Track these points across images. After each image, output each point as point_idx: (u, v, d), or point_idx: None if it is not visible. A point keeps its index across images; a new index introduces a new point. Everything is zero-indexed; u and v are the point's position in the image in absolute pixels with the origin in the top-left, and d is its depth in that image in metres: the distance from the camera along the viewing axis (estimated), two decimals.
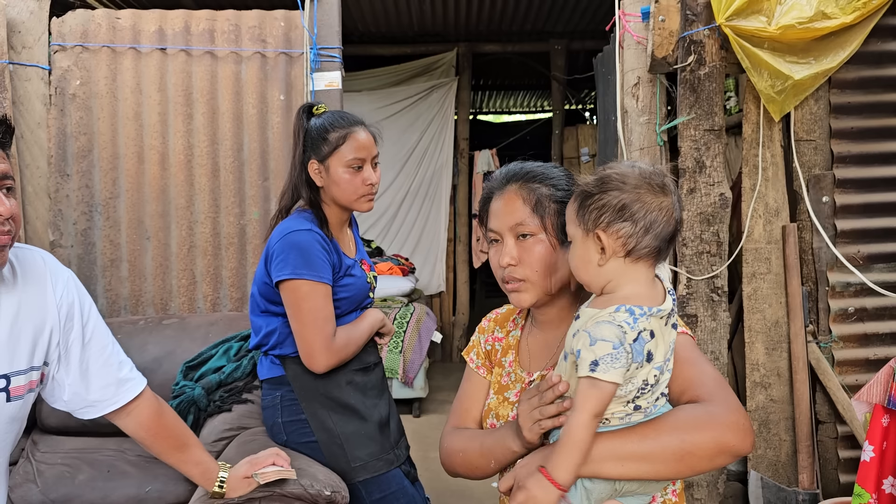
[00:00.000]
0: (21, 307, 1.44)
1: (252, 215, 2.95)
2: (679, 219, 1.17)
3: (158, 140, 2.92)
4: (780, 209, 2.73)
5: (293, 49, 2.93)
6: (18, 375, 1.42)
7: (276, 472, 1.65)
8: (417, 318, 5.16)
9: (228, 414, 2.28)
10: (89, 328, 1.55)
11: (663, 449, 1.11)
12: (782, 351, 2.73)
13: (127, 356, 1.66)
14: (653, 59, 2.68)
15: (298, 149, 1.97)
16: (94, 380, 1.55)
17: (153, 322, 2.61)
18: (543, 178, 1.34)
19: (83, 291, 1.58)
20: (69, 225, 2.88)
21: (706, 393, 1.16)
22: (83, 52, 2.88)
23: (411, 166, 6.73)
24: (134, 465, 2.26)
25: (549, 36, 6.55)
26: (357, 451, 1.94)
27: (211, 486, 1.69)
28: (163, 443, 1.66)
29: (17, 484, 2.19)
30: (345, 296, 1.96)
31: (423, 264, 6.68)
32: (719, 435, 1.11)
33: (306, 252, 1.86)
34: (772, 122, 2.71)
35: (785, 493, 2.65)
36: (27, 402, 1.47)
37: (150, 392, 1.65)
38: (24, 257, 1.49)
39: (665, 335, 1.16)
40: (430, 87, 6.70)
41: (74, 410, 1.58)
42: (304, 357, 1.87)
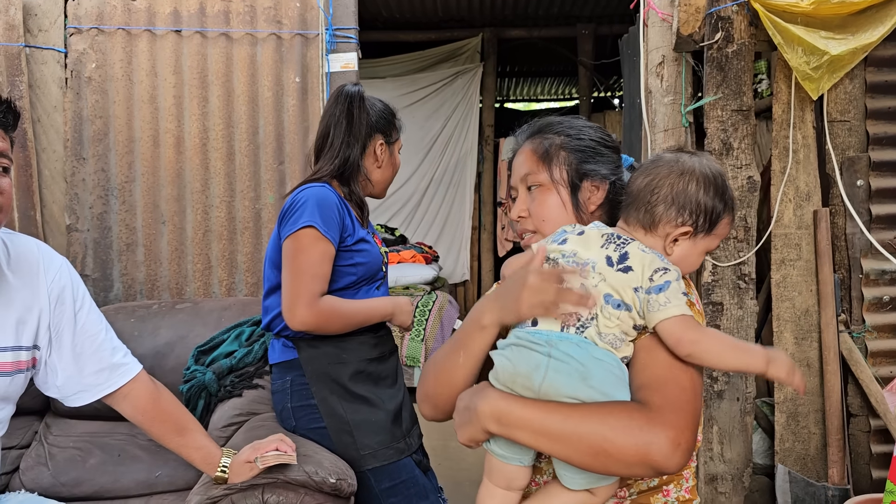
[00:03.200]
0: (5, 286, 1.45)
1: (267, 199, 2.91)
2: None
3: (174, 123, 2.90)
4: (811, 193, 2.62)
5: (309, 30, 2.88)
6: (5, 352, 1.44)
7: (277, 457, 1.61)
8: (440, 306, 5.12)
9: (239, 399, 2.25)
10: (82, 314, 1.57)
11: (580, 438, 1.04)
12: (812, 341, 2.62)
13: (133, 341, 1.67)
14: (678, 37, 2.58)
15: (361, 127, 1.96)
16: (88, 364, 1.57)
17: (167, 306, 2.59)
18: (559, 129, 1.33)
19: (77, 278, 1.60)
20: (85, 209, 2.87)
21: (659, 400, 1.06)
22: (98, 34, 2.86)
23: (435, 154, 6.68)
24: (145, 450, 2.24)
25: (576, 20, 6.44)
26: (366, 438, 1.90)
27: (213, 472, 1.66)
28: (161, 426, 1.65)
29: (28, 467, 2.19)
30: (361, 261, 1.91)
31: (447, 253, 6.63)
32: (644, 446, 1.02)
33: (319, 205, 1.82)
34: (804, 103, 2.59)
35: (814, 489, 2.55)
36: (16, 383, 1.47)
37: (147, 376, 1.65)
38: (19, 242, 1.54)
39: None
40: (455, 73, 6.63)
41: (67, 396, 1.59)
42: (285, 309, 1.80)
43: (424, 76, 6.65)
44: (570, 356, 1.07)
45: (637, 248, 1.14)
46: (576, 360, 1.07)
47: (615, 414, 1.04)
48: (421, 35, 6.58)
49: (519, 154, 1.35)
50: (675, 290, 1.10)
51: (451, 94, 6.62)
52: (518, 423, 1.06)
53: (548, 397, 1.07)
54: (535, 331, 1.12)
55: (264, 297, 2.00)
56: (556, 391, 1.07)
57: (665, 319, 1.07)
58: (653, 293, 1.09)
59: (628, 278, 1.10)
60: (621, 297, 1.10)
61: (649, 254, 1.14)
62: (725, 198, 1.20)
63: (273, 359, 2.01)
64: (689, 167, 1.19)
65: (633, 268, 1.11)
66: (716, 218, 1.18)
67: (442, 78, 6.62)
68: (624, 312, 1.09)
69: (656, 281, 1.10)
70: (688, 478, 1.24)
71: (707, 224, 1.18)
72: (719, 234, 1.21)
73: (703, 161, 1.21)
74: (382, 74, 6.57)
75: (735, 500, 2.65)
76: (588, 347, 1.08)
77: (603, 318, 1.09)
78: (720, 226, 1.20)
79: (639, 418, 1.03)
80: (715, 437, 2.62)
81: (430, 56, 6.69)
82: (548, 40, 6.80)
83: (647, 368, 1.10)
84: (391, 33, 6.52)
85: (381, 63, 6.60)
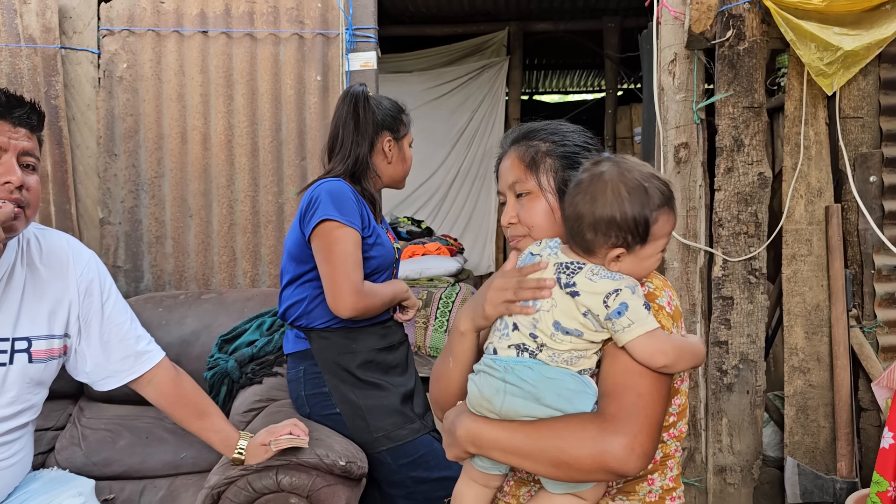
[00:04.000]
0: (37, 279, 1.55)
1: (290, 194, 3.01)
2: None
3: (200, 121, 3.01)
4: (823, 189, 2.63)
5: (329, 30, 2.97)
6: (39, 340, 1.55)
7: (289, 440, 1.70)
8: (463, 297, 5.18)
9: (259, 386, 2.35)
10: (109, 305, 1.68)
11: (541, 452, 1.13)
12: (823, 335, 2.64)
13: (161, 330, 1.78)
14: (690, 35, 2.61)
15: (367, 125, 2.04)
16: (114, 351, 1.68)
17: (193, 297, 2.70)
18: (543, 135, 1.37)
19: (104, 271, 1.72)
20: (117, 203, 3.00)
21: (615, 408, 1.13)
22: (129, 35, 2.98)
23: (461, 147, 6.73)
24: (171, 433, 2.36)
25: (602, 13, 6.43)
26: (379, 421, 1.98)
27: (231, 453, 1.77)
28: (182, 410, 1.75)
29: (63, 447, 2.32)
30: (375, 254, 2.00)
31: (472, 245, 6.69)
32: (598, 455, 1.10)
33: (338, 198, 1.91)
34: (816, 99, 2.61)
35: (822, 481, 2.58)
36: (49, 370, 1.58)
37: (169, 363, 1.76)
38: (50, 237, 1.65)
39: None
40: (481, 66, 6.67)
41: (96, 381, 1.70)
42: (331, 299, 1.89)
43: (451, 70, 6.70)
44: (522, 380, 1.16)
45: (585, 277, 1.17)
46: (528, 382, 1.16)
47: (570, 427, 1.13)
48: (447, 29, 6.62)
49: (505, 160, 1.38)
50: (635, 309, 1.13)
51: (478, 88, 6.66)
52: (489, 444, 1.18)
53: (509, 418, 1.18)
54: (496, 358, 1.21)
55: (281, 289, 2.10)
56: (515, 412, 1.17)
57: (632, 340, 1.13)
58: (613, 318, 1.13)
59: (576, 303, 1.15)
60: (571, 324, 1.15)
61: (598, 281, 1.16)
62: (650, 200, 1.16)
63: (287, 349, 2.10)
64: (603, 187, 1.17)
65: (579, 293, 1.15)
66: (644, 227, 1.16)
67: (468, 72, 6.66)
68: (574, 337, 1.15)
69: (612, 306, 1.13)
70: (672, 467, 1.30)
71: (638, 237, 1.17)
72: (661, 234, 1.19)
73: (618, 170, 1.19)
74: (409, 69, 6.64)
75: (744, 492, 2.69)
76: (540, 368, 1.16)
77: (554, 343, 1.16)
78: (656, 227, 1.17)
79: (591, 429, 1.11)
80: (724, 429, 2.67)
81: (457, 50, 6.74)
82: (574, 33, 6.80)
83: (609, 376, 1.17)
84: (418, 27, 6.58)
85: (408, 57, 6.66)
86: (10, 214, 1.41)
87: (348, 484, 1.83)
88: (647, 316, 1.14)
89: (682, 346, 1.16)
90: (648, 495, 1.26)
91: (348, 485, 1.83)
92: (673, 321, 1.22)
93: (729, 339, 2.64)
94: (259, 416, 2.18)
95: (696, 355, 1.18)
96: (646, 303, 1.16)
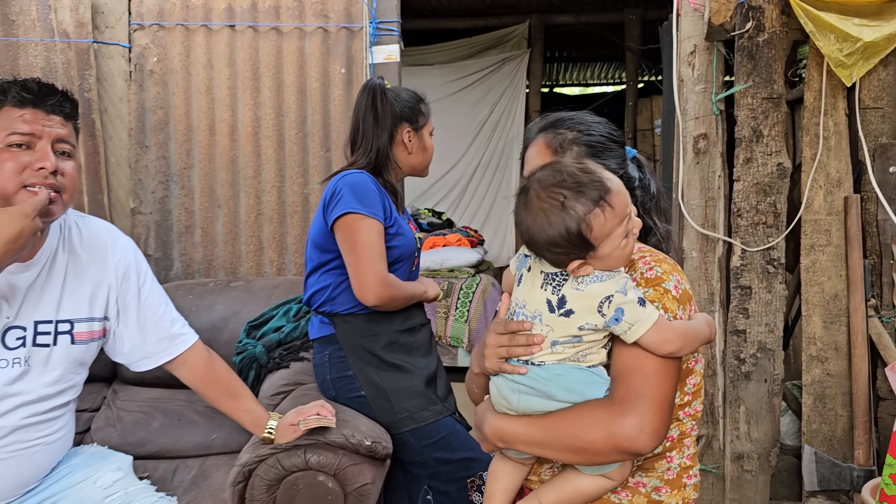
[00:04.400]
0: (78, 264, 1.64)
1: (315, 185, 3.08)
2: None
3: (228, 113, 3.09)
4: (842, 180, 2.65)
5: (353, 24, 3.03)
6: (80, 322, 1.63)
7: (317, 420, 1.77)
8: (483, 288, 5.24)
9: (286, 370, 2.42)
10: (145, 289, 1.75)
11: (559, 441, 1.21)
12: (841, 325, 2.66)
13: (192, 316, 1.86)
14: (710, 27, 2.64)
15: (386, 118, 2.08)
16: (151, 334, 1.75)
17: (222, 284, 2.78)
18: (570, 124, 1.41)
19: (140, 257, 1.79)
20: (148, 193, 3.09)
21: (622, 391, 1.18)
22: (159, 30, 3.07)
23: (482, 139, 6.77)
24: (201, 415, 2.44)
25: (623, 5, 6.43)
26: (403, 402, 2.04)
27: (261, 433, 1.84)
28: (215, 391, 1.82)
29: (99, 427, 2.41)
30: (397, 244, 2.06)
31: (492, 236, 6.74)
32: (610, 437, 1.16)
33: (361, 191, 1.96)
34: (835, 90, 2.62)
35: (839, 469, 2.61)
36: (90, 351, 1.66)
37: (202, 345, 1.83)
38: (89, 224, 1.73)
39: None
40: (502, 59, 6.70)
41: (133, 362, 1.78)
42: (357, 288, 1.95)
43: (472, 63, 6.74)
44: (533, 378, 1.23)
45: (572, 287, 1.19)
46: (538, 380, 1.22)
47: (582, 414, 1.19)
48: (469, 22, 6.66)
49: (532, 146, 1.43)
50: (632, 311, 1.16)
51: (498, 81, 6.69)
52: (513, 438, 1.27)
53: (527, 414, 1.25)
54: (510, 360, 1.27)
55: (306, 276, 2.17)
56: (531, 409, 1.24)
57: (638, 339, 1.17)
58: (612, 325, 1.16)
59: (571, 321, 1.19)
60: (569, 336, 1.19)
61: (585, 288, 1.17)
62: (568, 214, 1.15)
63: (313, 334, 2.17)
64: (529, 213, 1.18)
65: (574, 311, 1.18)
66: (578, 237, 1.15)
67: (489, 64, 6.70)
68: (575, 342, 1.20)
69: (608, 314, 1.16)
70: (689, 445, 1.35)
71: (580, 246, 1.16)
72: (606, 231, 1.16)
73: (535, 192, 1.19)
74: (430, 61, 6.69)
75: (761, 479, 2.72)
76: (549, 367, 1.22)
77: (555, 355, 1.21)
78: (595, 231, 1.15)
79: (602, 413, 1.18)
80: (742, 416, 2.70)
81: (478, 43, 6.77)
82: (595, 26, 6.80)
83: (617, 362, 1.22)
84: (439, 20, 6.61)
85: (430, 50, 6.71)
86: (45, 200, 1.46)
87: (374, 463, 1.89)
88: (644, 313, 1.16)
89: (687, 331, 1.20)
90: (667, 472, 1.31)
91: (374, 464, 1.89)
92: (679, 304, 1.25)
93: (747, 329, 2.67)
94: (287, 399, 2.25)
95: (701, 336, 1.22)
96: (640, 298, 1.18)
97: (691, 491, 1.34)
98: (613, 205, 1.16)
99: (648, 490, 1.31)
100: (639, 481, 1.31)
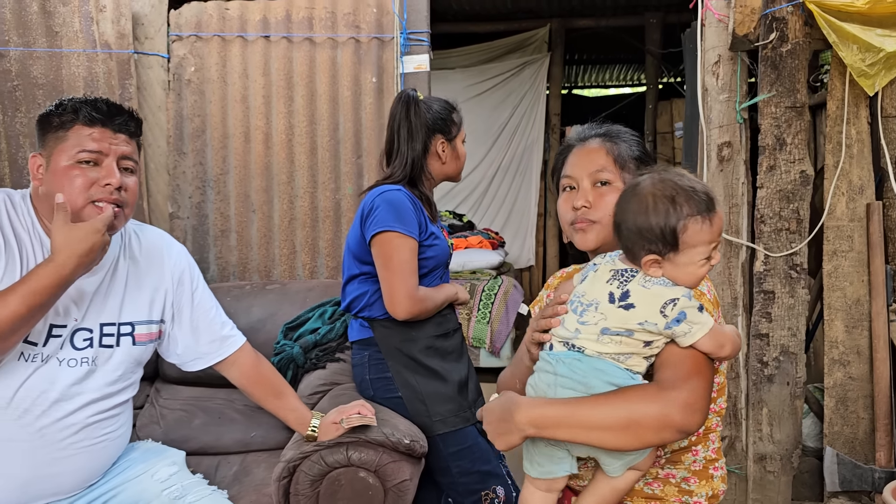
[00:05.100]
0: (138, 270, 1.75)
1: (346, 190, 3.18)
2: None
3: (263, 121, 3.18)
4: (864, 187, 2.70)
5: (384, 34, 3.12)
6: (141, 324, 1.74)
7: (360, 419, 1.86)
8: (505, 290, 5.31)
9: (323, 371, 2.51)
10: (198, 293, 1.86)
11: (609, 417, 1.22)
12: (863, 329, 2.72)
13: (229, 318, 1.97)
14: (734, 37, 2.70)
15: (419, 130, 2.16)
16: (203, 336, 1.85)
17: (258, 287, 2.88)
18: (625, 137, 1.50)
19: (193, 263, 1.90)
20: (185, 198, 3.20)
21: (671, 374, 1.25)
22: (197, 41, 3.17)
23: (503, 142, 6.85)
24: (241, 413, 2.53)
25: (643, 9, 6.47)
26: (437, 406, 2.13)
27: (304, 431, 1.92)
28: (261, 390, 1.92)
29: (143, 424, 2.51)
30: (432, 255, 2.14)
31: (513, 238, 6.81)
32: (663, 408, 1.20)
33: (399, 209, 2.04)
34: (858, 99, 2.68)
35: (861, 471, 2.67)
36: (148, 351, 1.77)
37: (250, 347, 1.93)
38: (147, 232, 1.84)
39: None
40: (523, 63, 6.77)
41: (185, 362, 1.88)
42: (388, 303, 2.04)
43: (493, 66, 6.81)
44: (573, 371, 1.29)
45: (639, 284, 1.25)
46: (578, 372, 1.28)
47: (632, 393, 1.24)
48: (490, 26, 6.73)
49: (583, 150, 1.50)
50: (694, 316, 1.23)
51: (519, 84, 6.76)
52: (553, 422, 1.25)
53: None
54: (549, 353, 1.35)
55: (344, 283, 2.25)
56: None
57: (696, 342, 1.24)
58: (673, 326, 1.23)
59: (629, 315, 1.25)
60: (622, 328, 1.26)
61: (652, 287, 1.24)
62: (677, 209, 1.22)
63: (352, 337, 2.26)
64: (636, 195, 1.26)
65: (635, 305, 1.25)
66: (671, 234, 1.22)
67: (510, 68, 6.77)
68: (625, 337, 1.26)
69: (670, 315, 1.22)
70: (714, 440, 1.43)
71: (668, 245, 1.23)
72: (694, 242, 1.23)
73: (653, 180, 1.26)
74: (452, 65, 6.77)
75: (783, 480, 2.78)
76: (590, 360, 1.29)
77: (599, 346, 1.28)
78: (686, 235, 1.22)
79: (653, 391, 1.24)
80: (765, 418, 2.76)
81: (499, 47, 6.84)
82: (615, 29, 6.85)
83: (664, 354, 1.29)
84: (461, 24, 6.69)
85: (451, 54, 6.79)
86: (111, 217, 1.56)
87: (411, 461, 1.98)
88: (704, 318, 1.24)
89: (733, 339, 1.28)
90: (693, 464, 1.40)
91: (411, 462, 1.97)
92: (714, 307, 1.35)
93: (770, 332, 2.73)
94: (325, 398, 2.34)
95: (738, 344, 1.31)
96: (700, 305, 1.25)
97: (719, 483, 1.42)
98: (713, 222, 1.24)
99: (678, 480, 1.40)
100: (668, 473, 1.40)
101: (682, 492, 1.40)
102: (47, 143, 1.61)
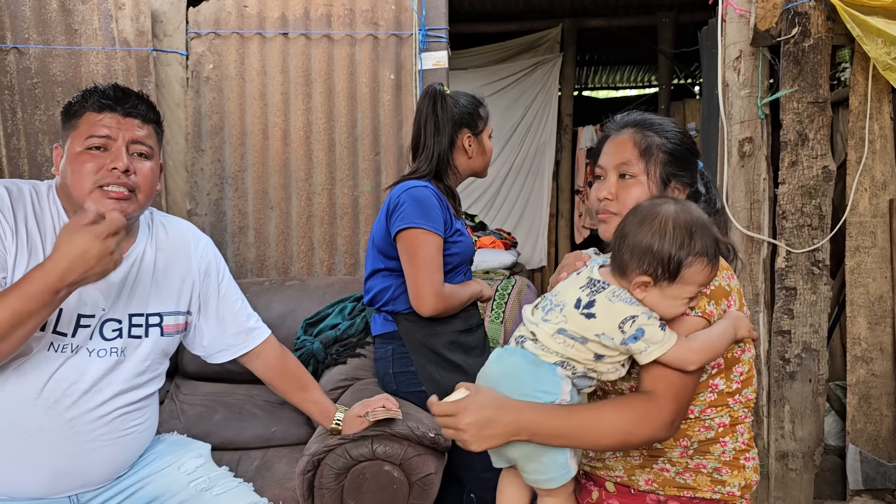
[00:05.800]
0: (166, 260, 1.74)
1: (364, 187, 3.17)
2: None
3: (281, 118, 3.19)
4: (887, 182, 2.69)
5: (403, 31, 3.11)
6: (168, 315, 1.73)
7: (385, 412, 1.85)
8: (518, 290, 5.30)
9: (343, 366, 2.51)
10: (224, 285, 1.85)
11: (577, 426, 1.28)
12: (886, 326, 2.70)
13: (254, 311, 1.95)
14: (755, 32, 2.69)
15: (446, 124, 2.15)
16: (229, 327, 1.85)
17: (277, 283, 2.88)
18: (658, 129, 1.47)
19: (218, 255, 1.89)
20: (203, 195, 3.20)
21: (645, 386, 1.30)
22: (215, 38, 3.17)
23: (515, 142, 6.83)
24: (261, 409, 2.53)
25: (656, 9, 6.45)
26: None
27: (329, 424, 1.92)
28: (286, 383, 1.91)
29: (164, 420, 2.49)
30: (456, 251, 2.14)
31: (525, 239, 6.79)
32: (624, 421, 1.27)
33: (424, 205, 2.04)
34: (881, 94, 2.66)
35: (884, 468, 2.64)
36: (174, 342, 1.77)
37: (275, 340, 1.93)
38: (174, 224, 1.83)
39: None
40: (535, 63, 6.75)
41: (211, 354, 1.87)
42: (414, 300, 2.04)
43: (505, 67, 6.79)
44: (502, 366, 1.36)
45: (606, 297, 1.27)
46: (505, 367, 1.35)
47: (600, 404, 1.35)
48: (502, 26, 6.71)
49: (615, 140, 1.48)
50: (651, 333, 1.24)
51: (531, 84, 6.74)
52: (551, 432, 1.28)
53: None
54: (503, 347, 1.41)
55: (367, 277, 2.25)
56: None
57: (656, 359, 1.25)
58: (629, 343, 1.24)
59: (589, 324, 1.26)
60: (579, 334, 1.27)
61: (616, 303, 1.25)
62: (692, 243, 1.23)
63: (375, 331, 2.25)
64: (655, 215, 1.25)
65: (596, 315, 1.26)
66: (676, 266, 1.22)
67: (522, 68, 6.75)
68: (578, 343, 1.28)
69: (628, 332, 1.24)
70: (742, 432, 1.42)
71: (666, 273, 1.23)
72: (692, 281, 1.24)
73: (677, 209, 1.26)
74: (464, 66, 6.75)
75: (805, 477, 2.76)
76: (516, 362, 1.35)
77: (551, 340, 1.29)
78: (688, 271, 1.23)
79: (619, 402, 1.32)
80: (787, 416, 2.74)
81: (511, 47, 6.83)
82: (627, 29, 6.82)
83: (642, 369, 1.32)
84: (473, 25, 6.68)
85: (463, 55, 6.78)
86: (117, 224, 1.40)
87: (436, 455, 1.97)
88: (663, 336, 1.24)
89: (705, 345, 1.27)
90: (723, 455, 1.39)
91: (436, 455, 1.97)
92: (710, 299, 1.32)
93: (792, 329, 2.71)
94: (347, 393, 2.34)
95: (725, 340, 1.30)
96: (662, 324, 1.26)
97: (752, 473, 1.41)
98: (713, 271, 1.26)
99: (710, 470, 1.39)
100: (699, 463, 1.39)
101: (715, 482, 1.39)
102: (65, 133, 1.61)
